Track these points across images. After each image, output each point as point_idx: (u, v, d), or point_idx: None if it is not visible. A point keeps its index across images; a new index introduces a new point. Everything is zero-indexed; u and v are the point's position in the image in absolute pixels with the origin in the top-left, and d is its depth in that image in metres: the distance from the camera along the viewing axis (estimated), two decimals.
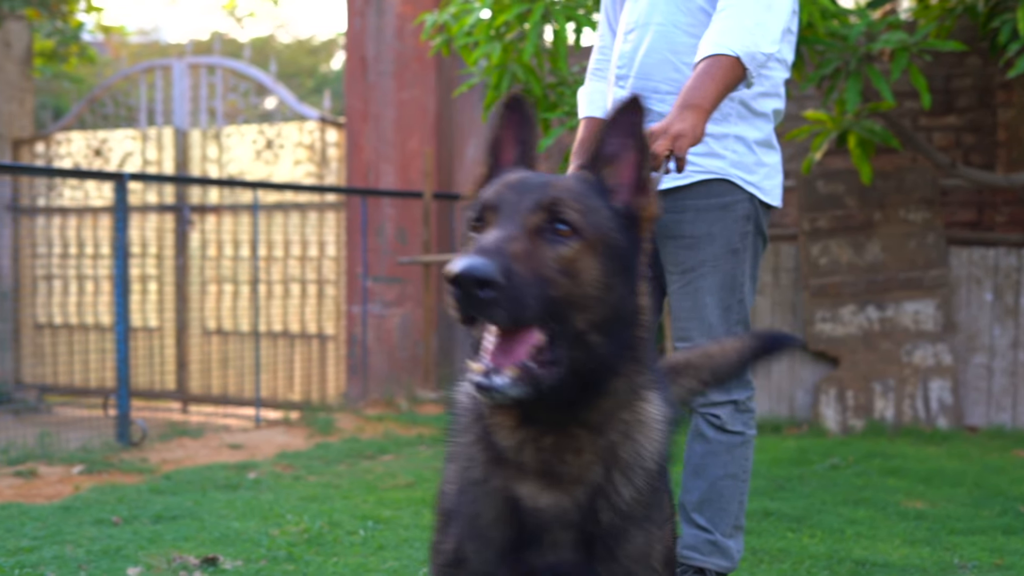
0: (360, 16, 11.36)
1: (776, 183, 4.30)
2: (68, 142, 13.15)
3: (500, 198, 2.39)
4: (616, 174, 2.49)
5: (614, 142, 2.49)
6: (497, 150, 2.63)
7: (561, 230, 2.31)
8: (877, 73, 7.29)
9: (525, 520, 2.46)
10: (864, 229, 8.95)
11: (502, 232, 2.28)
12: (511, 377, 2.26)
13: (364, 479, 7.17)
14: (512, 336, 2.30)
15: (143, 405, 12.17)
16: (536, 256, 2.27)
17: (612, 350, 2.37)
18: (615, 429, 2.46)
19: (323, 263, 11.77)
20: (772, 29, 3.84)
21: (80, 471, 7.45)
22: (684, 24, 4.12)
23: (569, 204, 2.33)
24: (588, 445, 2.43)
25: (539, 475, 2.44)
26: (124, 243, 8.58)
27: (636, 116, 2.49)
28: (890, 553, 5.27)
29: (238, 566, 5.08)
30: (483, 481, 2.50)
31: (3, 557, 5.18)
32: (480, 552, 2.51)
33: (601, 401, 2.41)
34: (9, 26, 12.93)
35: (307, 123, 12.00)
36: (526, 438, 2.43)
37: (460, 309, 2.19)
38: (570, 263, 2.29)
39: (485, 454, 2.50)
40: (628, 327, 2.41)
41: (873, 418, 8.73)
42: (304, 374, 11.82)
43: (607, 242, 2.36)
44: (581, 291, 2.30)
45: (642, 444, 2.51)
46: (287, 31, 41.04)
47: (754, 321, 9.28)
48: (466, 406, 2.60)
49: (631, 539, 2.50)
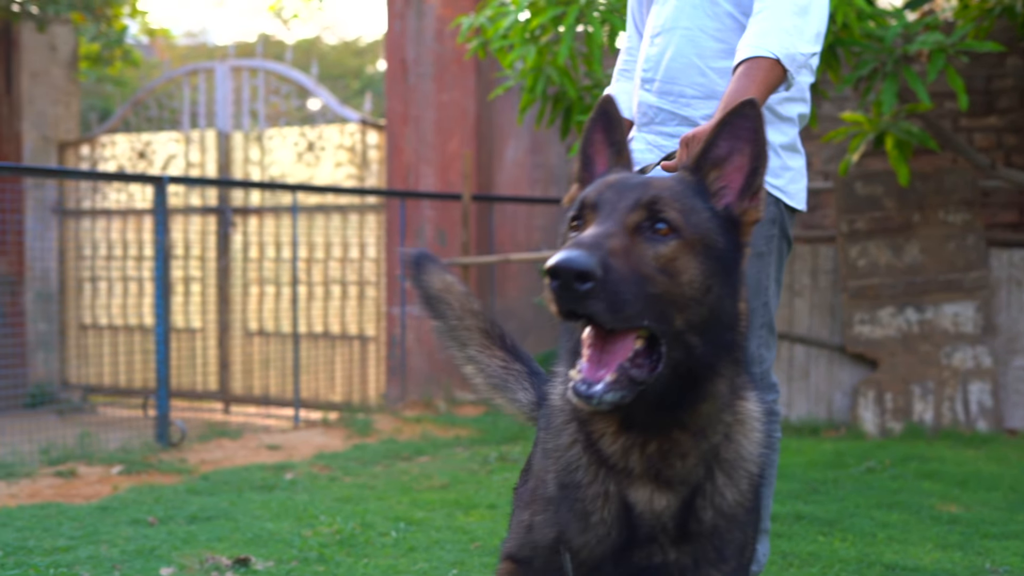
0: (400, 19, 11.41)
1: (801, 187, 4.29)
2: (113, 144, 13.27)
3: (600, 197, 2.42)
4: (724, 177, 2.51)
5: (724, 145, 2.51)
6: (590, 159, 2.67)
7: (660, 229, 2.34)
8: (913, 74, 7.25)
9: (635, 522, 2.49)
10: (903, 231, 8.91)
11: (601, 228, 2.31)
12: (609, 383, 2.28)
13: (399, 480, 7.20)
14: (610, 339, 2.31)
15: (186, 406, 12.27)
16: (635, 253, 2.29)
17: (711, 351, 2.38)
18: (717, 432, 2.49)
19: (364, 264, 11.82)
20: (809, 31, 3.83)
21: (119, 471, 7.53)
22: (711, 29, 4.12)
23: (669, 203, 2.36)
24: (692, 449, 2.45)
25: (647, 479, 2.46)
26: (164, 245, 8.64)
27: (752, 120, 2.49)
28: (921, 557, 5.25)
29: (269, 567, 5.12)
30: (593, 483, 2.52)
31: (40, 557, 5.25)
32: (588, 547, 2.53)
33: (702, 404, 2.43)
34: (55, 30, 13.07)
35: (348, 125, 12.06)
36: (631, 444, 2.45)
37: (558, 302, 2.21)
38: (669, 262, 2.32)
39: (588, 457, 2.53)
40: (727, 329, 2.42)
41: (912, 421, 8.68)
42: (345, 375, 11.88)
43: (706, 243, 2.38)
44: (680, 291, 2.31)
45: (743, 445, 2.55)
46: (333, 32, 41.23)
47: (792, 323, 9.26)
48: (560, 407, 2.63)
49: (735, 539, 2.55)
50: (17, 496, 6.84)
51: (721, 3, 4.11)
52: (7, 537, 5.60)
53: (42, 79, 13.15)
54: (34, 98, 13.08)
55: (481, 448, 8.39)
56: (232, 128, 12.67)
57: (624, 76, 4.66)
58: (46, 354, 13.01)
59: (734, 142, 2.49)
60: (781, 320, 9.31)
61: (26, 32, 12.88)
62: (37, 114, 13.10)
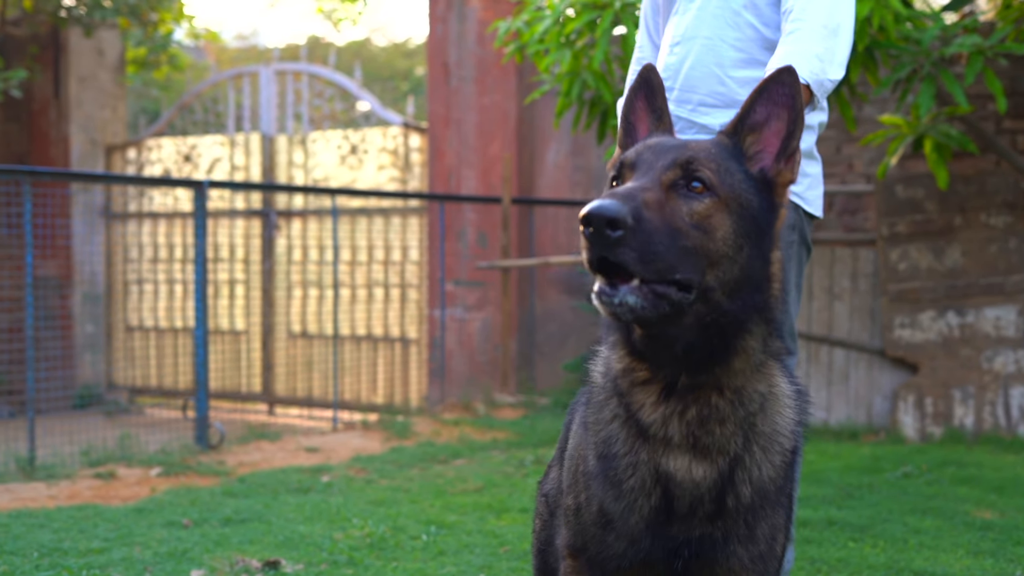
0: (442, 22, 11.45)
1: (818, 194, 4.30)
2: (159, 148, 13.39)
3: (639, 156, 2.51)
4: (760, 141, 2.57)
5: (762, 110, 2.57)
6: (632, 126, 2.76)
7: (696, 187, 2.41)
8: (951, 77, 7.20)
9: (673, 492, 2.55)
10: (944, 234, 8.85)
11: (637, 183, 2.40)
12: (633, 288, 2.32)
13: (434, 483, 7.22)
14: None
15: (229, 407, 12.36)
16: (669, 207, 2.37)
17: (739, 308, 2.45)
18: (753, 400, 2.55)
19: (406, 267, 11.87)
20: (839, 55, 3.86)
21: (158, 473, 7.59)
22: (732, 39, 4.13)
23: (704, 163, 2.44)
24: (730, 415, 2.51)
25: (686, 448, 2.53)
26: (203, 249, 8.71)
27: (789, 87, 2.56)
28: (952, 564, 5.21)
29: (298, 570, 5.16)
30: (627, 454, 2.60)
31: (74, 558, 5.31)
32: (627, 519, 2.60)
33: (735, 360, 2.49)
34: (102, 35, 13.20)
35: (391, 128, 12.10)
36: (670, 412, 2.52)
37: (591, 249, 2.29)
38: (703, 218, 2.39)
39: (627, 430, 2.60)
40: (756, 290, 2.49)
41: (952, 425, 8.62)
42: (387, 377, 11.93)
43: (740, 202, 2.45)
44: (714, 246, 2.38)
45: (776, 420, 2.61)
46: (383, 34, 41.35)
47: (832, 327, 9.22)
48: (601, 384, 2.71)
49: (767, 520, 2.61)
50: (56, 497, 6.92)
51: (743, 14, 4.13)
52: (44, 538, 5.67)
53: (90, 83, 13.29)
54: (82, 102, 13.23)
55: (517, 451, 8.40)
56: (276, 131, 12.75)
57: None
58: (93, 356, 13.15)
59: (772, 107, 2.57)
60: (821, 323, 9.27)
61: (74, 37, 13.02)
62: (85, 118, 13.24)
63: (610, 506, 2.62)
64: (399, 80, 30.56)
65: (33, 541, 5.61)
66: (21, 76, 11.40)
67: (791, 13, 3.92)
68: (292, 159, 12.59)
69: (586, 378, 2.82)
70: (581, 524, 2.73)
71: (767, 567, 2.63)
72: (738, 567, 2.59)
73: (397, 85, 29.87)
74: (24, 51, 12.94)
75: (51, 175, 9.28)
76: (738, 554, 2.58)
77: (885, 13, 6.93)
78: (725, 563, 2.58)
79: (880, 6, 6.86)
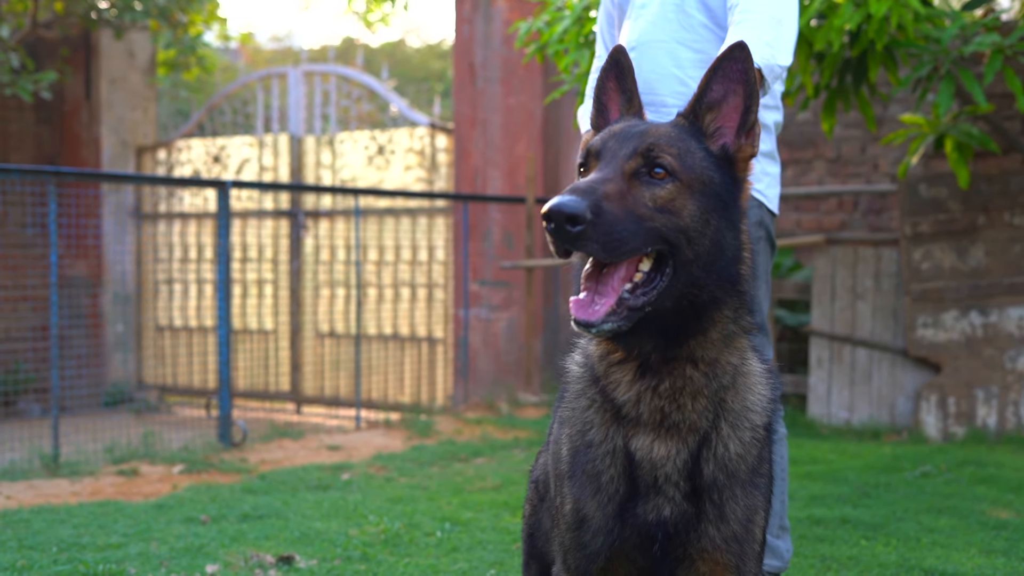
0: (468, 23, 11.48)
1: (776, 193, 4.44)
2: (188, 149, 13.49)
3: (604, 145, 2.61)
4: (720, 118, 2.66)
5: (718, 88, 2.65)
6: (604, 106, 2.85)
7: (658, 173, 2.52)
8: (970, 76, 7.18)
9: (638, 473, 2.61)
10: (967, 233, 8.81)
11: (600, 174, 2.51)
12: (606, 312, 2.46)
13: (453, 481, 7.26)
14: (609, 270, 2.50)
15: (257, 406, 12.44)
16: (631, 196, 2.48)
17: (713, 280, 2.54)
18: (726, 371, 2.61)
19: (432, 267, 11.91)
20: (787, 43, 3.97)
21: (180, 471, 7.66)
22: (688, 40, 4.25)
23: (665, 149, 2.54)
24: (704, 387, 2.58)
25: (654, 425, 2.59)
26: (226, 248, 8.78)
27: (742, 62, 2.64)
28: (963, 563, 5.20)
29: (312, 565, 5.20)
30: (604, 441, 2.66)
31: (92, 553, 5.37)
32: (600, 508, 2.65)
33: (710, 329, 2.58)
34: (133, 37, 13.31)
35: (417, 129, 12.15)
36: (645, 387, 2.59)
37: (555, 243, 2.41)
38: (668, 202, 2.50)
39: (602, 415, 2.67)
40: (730, 262, 2.58)
41: (975, 425, 8.59)
42: (413, 377, 11.97)
43: (703, 181, 2.56)
44: (683, 223, 2.49)
45: (747, 396, 2.67)
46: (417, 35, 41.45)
47: (855, 326, 9.20)
48: (578, 374, 2.79)
49: (737, 500, 2.64)
50: (79, 494, 6.99)
51: (695, 15, 4.25)
52: (64, 533, 5.75)
53: (120, 85, 13.40)
54: (113, 104, 13.33)
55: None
56: (304, 132, 12.82)
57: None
58: (123, 355, 13.25)
59: (727, 84, 2.64)
60: (844, 323, 9.26)
61: (105, 39, 13.13)
62: (116, 119, 13.35)
63: (586, 502, 2.67)
64: (433, 81, 30.62)
65: (53, 536, 5.69)
66: (51, 78, 11.51)
67: (737, 7, 4.02)
68: (320, 160, 12.65)
69: (562, 373, 2.87)
70: (560, 536, 2.78)
71: (743, 550, 2.64)
72: (711, 547, 2.61)
73: (432, 86, 29.94)
74: (56, 53, 13.05)
75: (75, 175, 9.37)
76: (709, 534, 2.61)
77: (904, 12, 6.92)
78: (697, 543, 2.61)
79: (899, 5, 6.86)
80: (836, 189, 10.44)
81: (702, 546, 2.61)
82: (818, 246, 9.56)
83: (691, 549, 2.62)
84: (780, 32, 3.94)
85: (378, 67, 21.56)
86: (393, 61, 27.07)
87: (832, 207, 11.10)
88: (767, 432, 2.70)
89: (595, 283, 2.50)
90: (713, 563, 2.63)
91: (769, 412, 2.71)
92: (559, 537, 2.79)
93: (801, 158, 11.16)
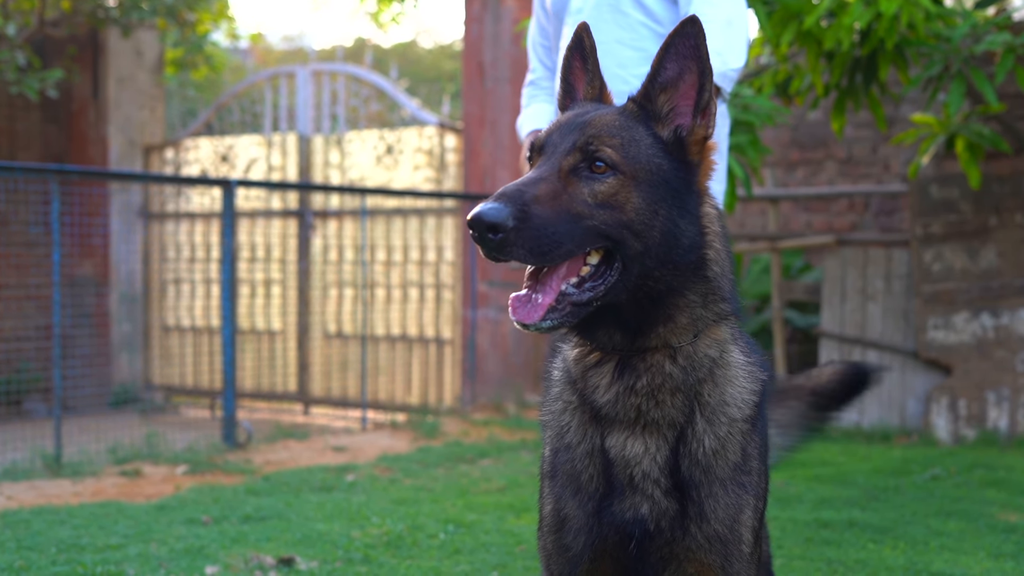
0: (477, 22, 11.43)
1: (721, 190, 4.48)
2: (196, 148, 13.43)
3: (548, 139, 2.53)
4: (673, 98, 2.55)
5: (672, 66, 2.54)
6: (571, 87, 2.75)
7: (598, 167, 2.43)
8: (981, 76, 7.11)
9: (613, 471, 2.54)
10: (979, 234, 8.73)
11: (535, 174, 2.43)
12: (545, 310, 2.39)
13: (458, 483, 7.20)
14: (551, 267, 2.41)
15: (265, 407, 12.38)
16: (568, 194, 2.40)
17: (670, 270, 2.45)
18: (702, 364, 2.53)
19: (441, 268, 11.84)
20: (738, 45, 4.01)
21: (184, 471, 7.61)
22: (627, 40, 4.29)
23: (606, 141, 2.45)
24: (681, 383, 2.50)
25: (629, 423, 2.52)
26: (230, 247, 8.74)
27: (693, 37, 2.52)
28: (972, 566, 5.13)
29: (313, 567, 5.15)
30: (582, 442, 2.60)
31: (91, 554, 5.32)
32: (580, 507, 2.59)
33: (677, 316, 2.49)
34: (140, 36, 13.26)
35: (426, 128, 12.08)
36: (623, 388, 2.51)
37: (482, 251, 2.34)
38: (609, 198, 2.42)
39: (580, 417, 2.61)
40: (687, 250, 2.48)
41: (986, 428, 8.51)
42: (421, 378, 11.91)
43: (649, 170, 2.46)
44: (627, 218, 2.41)
45: (726, 390, 2.58)
46: (429, 36, 41.44)
47: (865, 328, 9.12)
48: (556, 377, 2.73)
49: (718, 499, 2.54)
50: (81, 494, 6.95)
51: (631, 14, 4.31)
52: (63, 534, 5.70)
53: (128, 84, 13.36)
54: (120, 103, 13.29)
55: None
56: (313, 132, 12.77)
57: (536, 100, 4.86)
58: (130, 355, 13.21)
59: (681, 61, 2.53)
60: (854, 325, 9.19)
61: (113, 38, 13.09)
62: (123, 119, 13.30)
63: (567, 502, 2.61)
64: (445, 82, 30.60)
65: (52, 537, 5.64)
66: (58, 76, 11.46)
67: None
68: (328, 159, 12.59)
69: (545, 377, 2.82)
70: (543, 540, 2.72)
71: (728, 551, 2.55)
72: (694, 547, 2.53)
73: (443, 87, 29.91)
74: (63, 52, 13.01)
75: (79, 174, 9.32)
76: (691, 532, 2.52)
77: (914, 10, 6.86)
78: (682, 542, 2.53)
79: (909, 3, 6.80)
80: (847, 190, 10.37)
81: (687, 545, 2.53)
82: (828, 247, 9.49)
83: (677, 548, 2.53)
84: (730, 34, 3.98)
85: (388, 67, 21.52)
86: (405, 62, 27.04)
87: (843, 208, 11.03)
88: (752, 425, 2.60)
89: (535, 280, 2.43)
90: (698, 564, 2.54)
91: (751, 405, 2.61)
92: (542, 541, 2.72)
93: (812, 159, 11.09)
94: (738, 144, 6.68)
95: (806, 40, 7.09)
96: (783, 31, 7.04)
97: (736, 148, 6.70)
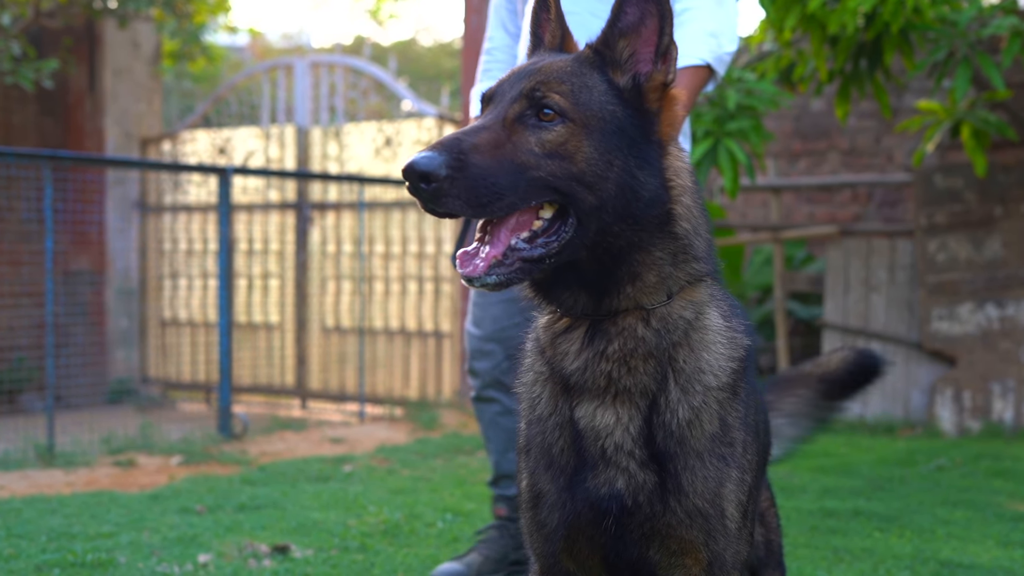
0: (477, 13, 11.32)
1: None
2: (193, 140, 13.33)
3: (499, 88, 2.42)
4: (633, 43, 2.42)
5: (633, 11, 2.41)
6: (539, 39, 2.64)
7: (546, 115, 2.31)
8: (988, 60, 7.02)
9: (583, 444, 2.43)
10: (984, 224, 8.64)
11: (478, 123, 2.32)
12: (489, 264, 2.28)
13: (456, 473, 7.13)
14: (500, 219, 2.31)
15: (263, 400, 12.29)
16: (513, 143, 2.29)
17: (629, 225, 2.33)
18: (677, 327, 2.40)
19: (440, 260, 11.74)
20: (732, 26, 3.94)
21: (179, 462, 7.53)
22: (600, 11, 4.19)
23: (554, 87, 2.34)
24: (654, 347, 2.38)
25: (598, 392, 2.40)
26: (227, 237, 8.65)
27: None
28: (980, 555, 5.04)
29: (308, 555, 5.06)
30: (553, 414, 2.49)
31: (82, 542, 5.24)
32: (553, 481, 2.48)
33: (644, 274, 2.36)
34: (137, 27, 13.16)
35: (425, 120, 11.99)
36: (593, 354, 2.39)
37: (421, 204, 2.24)
38: (558, 147, 2.30)
39: (551, 388, 2.49)
40: (649, 204, 2.35)
41: (991, 420, 8.42)
42: (420, 371, 11.82)
43: (601, 118, 2.34)
44: (577, 169, 2.29)
45: (702, 355, 2.45)
46: (429, 34, 41.35)
47: (869, 319, 9.03)
48: (530, 348, 2.61)
49: (695, 471, 2.41)
50: (73, 484, 6.86)
51: None
52: (54, 523, 5.62)
53: (125, 76, 13.25)
54: (117, 95, 13.18)
55: None
56: (311, 124, 12.67)
57: (489, 76, 4.73)
58: (127, 349, 13.10)
59: (642, 5, 2.39)
60: (857, 316, 9.10)
61: (109, 29, 12.98)
62: (120, 111, 13.20)
63: (540, 476, 2.51)
64: (444, 79, 30.53)
65: (43, 525, 5.56)
66: (53, 66, 11.34)
67: None
68: (326, 151, 12.50)
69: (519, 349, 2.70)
70: (524, 517, 2.62)
71: (710, 527, 2.42)
72: (674, 522, 2.41)
73: (442, 84, 29.84)
74: (59, 43, 12.90)
75: (72, 160, 9.23)
76: (671, 506, 2.40)
77: None
78: (663, 518, 2.41)
79: None
80: (850, 180, 10.27)
81: (667, 521, 2.40)
82: (831, 238, 9.40)
83: (658, 524, 2.41)
84: (723, 14, 3.92)
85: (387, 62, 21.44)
86: (404, 59, 26.94)
87: (846, 199, 10.94)
88: (732, 394, 2.47)
89: (484, 233, 2.32)
90: (679, 540, 2.42)
91: (730, 372, 2.47)
92: (523, 519, 2.62)
93: (815, 149, 11.00)
94: (741, 129, 6.58)
95: (810, 24, 7.00)
96: (787, 15, 6.95)
97: (739, 133, 6.60)
